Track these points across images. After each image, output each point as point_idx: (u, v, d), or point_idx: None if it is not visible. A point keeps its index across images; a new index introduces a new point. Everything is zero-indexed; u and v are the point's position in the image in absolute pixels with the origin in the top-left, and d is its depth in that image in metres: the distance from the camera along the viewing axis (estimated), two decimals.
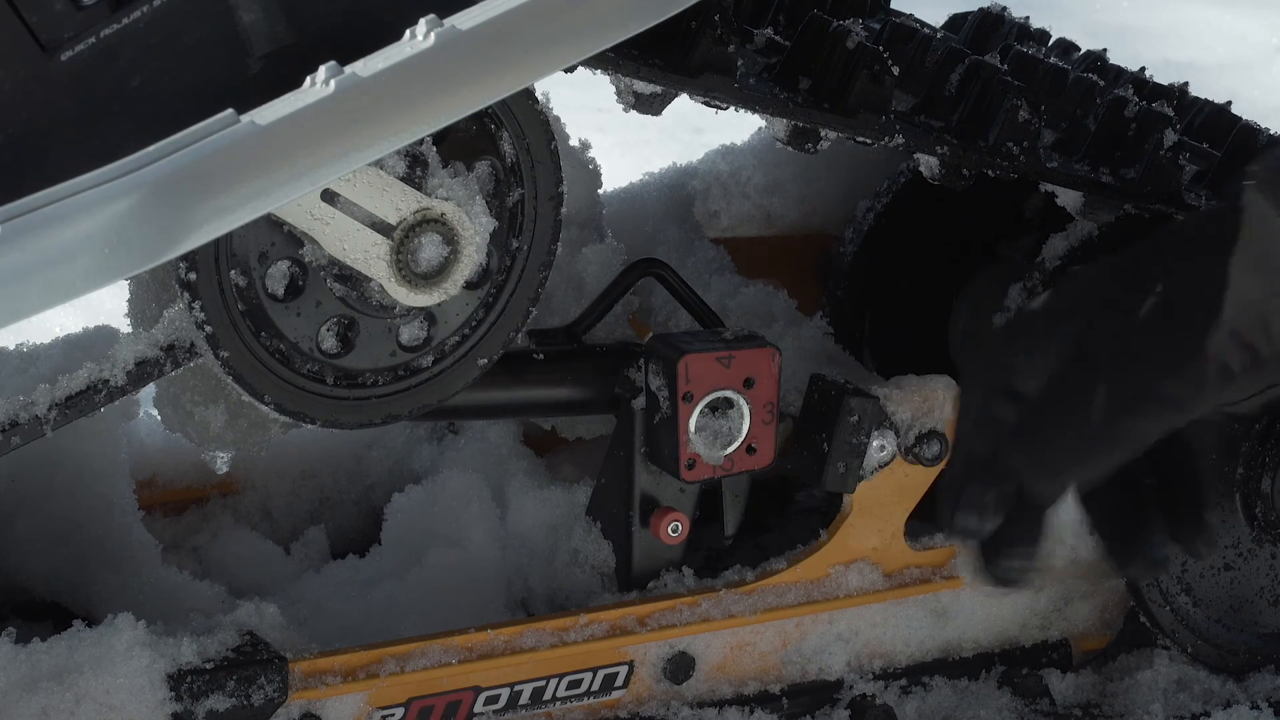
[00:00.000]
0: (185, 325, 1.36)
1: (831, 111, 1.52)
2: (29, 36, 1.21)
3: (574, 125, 1.75)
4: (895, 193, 1.92)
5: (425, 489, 1.84)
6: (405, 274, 1.36)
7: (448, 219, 1.37)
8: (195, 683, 1.44)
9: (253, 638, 1.50)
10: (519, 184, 1.43)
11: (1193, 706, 1.79)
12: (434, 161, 1.37)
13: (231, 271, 1.35)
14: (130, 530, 1.73)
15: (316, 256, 1.36)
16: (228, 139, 1.16)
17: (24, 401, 1.34)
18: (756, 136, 1.99)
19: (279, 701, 1.47)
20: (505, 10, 1.22)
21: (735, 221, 1.95)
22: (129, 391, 1.37)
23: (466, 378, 1.46)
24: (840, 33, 1.52)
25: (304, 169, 1.20)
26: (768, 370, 1.60)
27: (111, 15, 1.22)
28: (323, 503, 1.94)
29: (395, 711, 1.53)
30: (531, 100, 1.42)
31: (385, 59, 1.21)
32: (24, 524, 1.70)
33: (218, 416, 1.47)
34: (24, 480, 1.71)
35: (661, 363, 1.59)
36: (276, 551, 1.86)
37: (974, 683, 1.77)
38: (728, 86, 1.47)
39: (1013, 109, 1.59)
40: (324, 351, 1.40)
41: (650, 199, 1.98)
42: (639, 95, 1.48)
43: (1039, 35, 1.95)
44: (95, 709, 1.42)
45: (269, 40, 1.26)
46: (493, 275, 1.44)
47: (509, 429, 1.86)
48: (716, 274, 1.88)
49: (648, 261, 1.71)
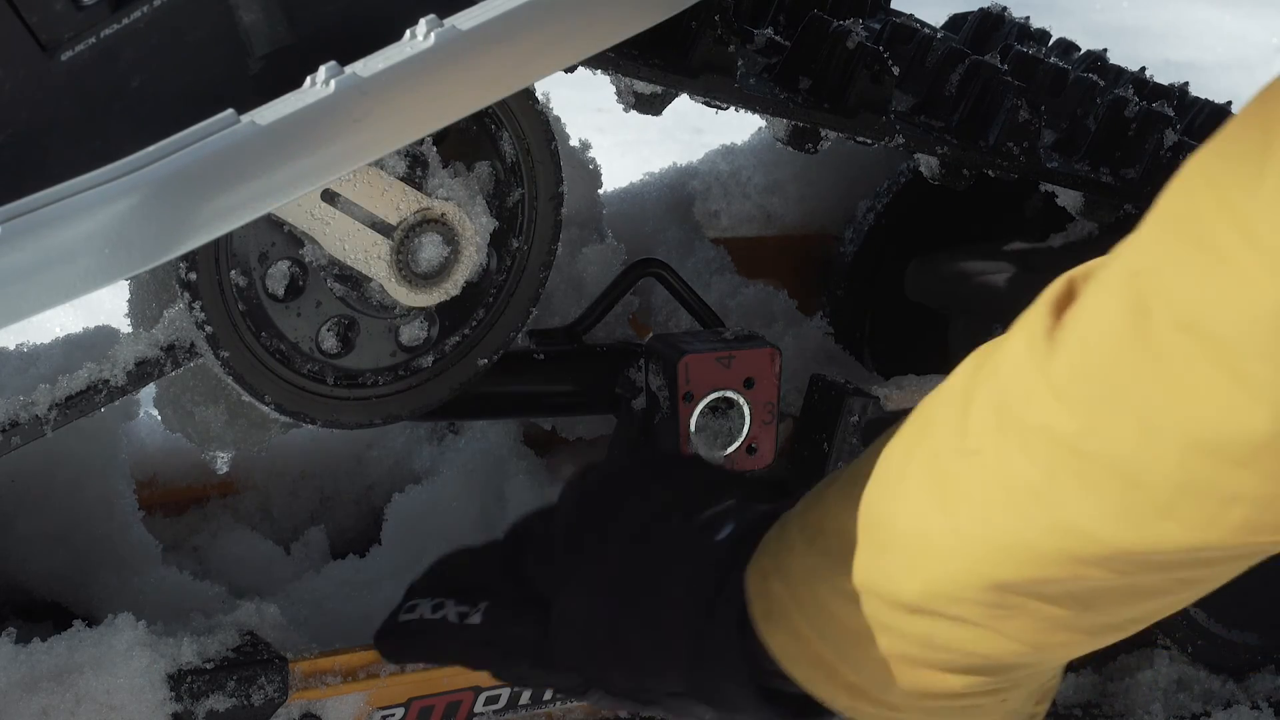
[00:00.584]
0: (185, 325, 1.36)
1: (831, 111, 1.52)
2: (29, 36, 1.21)
3: (574, 125, 1.75)
4: (895, 193, 1.92)
5: (425, 489, 1.84)
6: (405, 274, 1.36)
7: (448, 219, 1.37)
8: (195, 683, 1.44)
9: (253, 638, 1.50)
10: (519, 184, 1.43)
11: (1193, 706, 1.79)
12: (434, 161, 1.37)
13: (232, 271, 1.35)
14: (130, 530, 1.73)
15: (317, 256, 1.36)
16: (228, 139, 1.16)
17: (24, 401, 1.34)
18: (756, 136, 1.99)
19: (279, 701, 1.47)
20: (505, 10, 1.22)
21: (735, 221, 1.95)
22: (129, 391, 1.37)
23: (466, 378, 1.46)
24: (840, 33, 1.52)
25: (304, 169, 1.20)
26: (768, 370, 1.60)
27: (111, 15, 1.22)
28: (323, 503, 1.94)
29: (395, 711, 1.52)
30: (531, 100, 1.41)
31: (385, 59, 1.21)
32: (24, 524, 1.70)
33: (218, 417, 1.47)
34: (24, 480, 1.70)
35: (661, 363, 1.59)
36: (276, 551, 1.86)
37: None
38: (728, 86, 1.46)
39: (1013, 109, 1.59)
40: (324, 351, 1.40)
41: (650, 199, 1.97)
42: (639, 95, 1.48)
43: (1039, 35, 1.95)
44: (95, 709, 1.42)
45: (269, 40, 1.26)
46: (492, 275, 1.44)
47: (509, 429, 1.86)
48: (716, 274, 1.88)
49: (648, 261, 1.71)
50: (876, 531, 1.23)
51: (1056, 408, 1.11)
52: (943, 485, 1.19)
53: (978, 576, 1.17)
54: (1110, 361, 1.09)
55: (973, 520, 1.17)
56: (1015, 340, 1.17)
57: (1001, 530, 1.15)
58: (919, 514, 1.19)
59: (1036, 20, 1.96)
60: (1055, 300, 1.15)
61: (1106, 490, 1.10)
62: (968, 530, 1.17)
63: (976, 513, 1.16)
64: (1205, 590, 1.18)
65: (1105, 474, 1.09)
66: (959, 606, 1.19)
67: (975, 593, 1.17)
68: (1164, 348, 1.05)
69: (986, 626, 1.19)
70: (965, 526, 1.17)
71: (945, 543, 1.18)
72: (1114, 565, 1.12)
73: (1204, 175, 1.08)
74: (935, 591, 1.19)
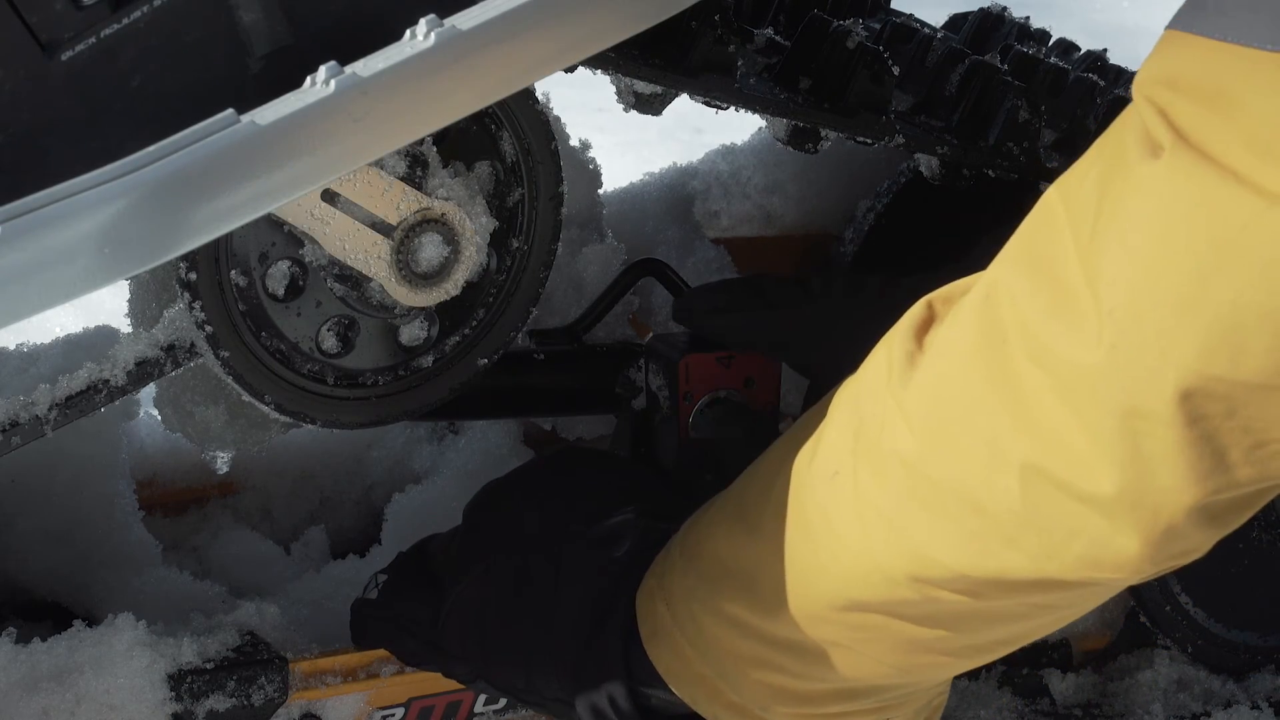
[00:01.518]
0: (185, 325, 1.36)
1: (831, 111, 1.52)
2: (29, 36, 1.21)
3: (574, 125, 1.75)
4: (895, 193, 1.92)
5: (425, 489, 1.84)
6: (405, 274, 1.36)
7: (448, 219, 1.37)
8: (195, 683, 1.44)
9: (253, 638, 1.50)
10: (519, 184, 1.43)
11: (1193, 706, 1.79)
12: (434, 161, 1.37)
13: (232, 271, 1.35)
14: (130, 530, 1.73)
15: (317, 256, 1.36)
16: (228, 139, 1.16)
17: (24, 401, 1.34)
18: (756, 136, 1.99)
19: (279, 701, 1.47)
20: (505, 10, 1.22)
21: (735, 221, 1.95)
22: (129, 391, 1.37)
23: (466, 378, 1.46)
24: (840, 33, 1.52)
25: (304, 169, 1.20)
26: (768, 370, 1.60)
27: (111, 15, 1.22)
28: (323, 503, 1.94)
29: (395, 711, 1.52)
30: (532, 100, 1.41)
31: (385, 59, 1.20)
32: (24, 524, 1.70)
33: (218, 416, 1.47)
34: (24, 480, 1.71)
35: (662, 363, 1.58)
36: (276, 551, 1.86)
37: (974, 683, 1.77)
38: (728, 86, 1.46)
39: (1013, 109, 1.59)
40: (324, 351, 1.40)
41: (650, 199, 1.97)
42: (639, 95, 1.48)
43: (1039, 35, 1.95)
44: (95, 709, 1.42)
45: (269, 40, 1.26)
46: (492, 275, 1.44)
47: (509, 429, 1.86)
48: (716, 274, 1.88)
49: (648, 261, 1.71)
50: (743, 553, 1.24)
51: (906, 432, 1.12)
52: (803, 508, 1.19)
53: (835, 597, 1.17)
54: (962, 387, 1.09)
55: (830, 542, 1.17)
56: (876, 362, 1.17)
57: (855, 553, 1.16)
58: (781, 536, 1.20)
59: (1036, 20, 1.96)
60: (916, 324, 1.15)
61: (953, 517, 1.10)
62: (825, 553, 1.18)
63: (834, 535, 1.17)
64: (1069, 616, 1.18)
65: (952, 500, 1.10)
66: (821, 627, 1.19)
67: (833, 613, 1.18)
68: (1016, 377, 1.06)
69: (850, 648, 1.19)
70: (822, 550, 1.18)
71: (804, 564, 1.19)
72: (961, 588, 1.12)
73: (1064, 200, 1.07)
74: (798, 611, 1.20)
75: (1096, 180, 1.04)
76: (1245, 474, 1.02)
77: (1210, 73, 0.98)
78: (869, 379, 1.17)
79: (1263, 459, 1.02)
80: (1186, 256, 0.98)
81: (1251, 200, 0.96)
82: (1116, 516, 1.04)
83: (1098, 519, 1.05)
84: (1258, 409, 0.99)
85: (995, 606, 1.14)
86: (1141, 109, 1.02)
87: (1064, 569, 1.08)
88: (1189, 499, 1.03)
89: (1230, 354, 0.98)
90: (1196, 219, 0.98)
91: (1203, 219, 0.98)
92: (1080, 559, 1.07)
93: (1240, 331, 0.98)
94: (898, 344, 1.15)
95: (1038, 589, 1.11)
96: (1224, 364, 0.98)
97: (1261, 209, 0.95)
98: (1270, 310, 0.97)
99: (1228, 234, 0.97)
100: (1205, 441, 1.01)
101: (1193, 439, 1.01)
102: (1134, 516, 1.04)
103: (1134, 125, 1.02)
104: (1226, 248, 0.97)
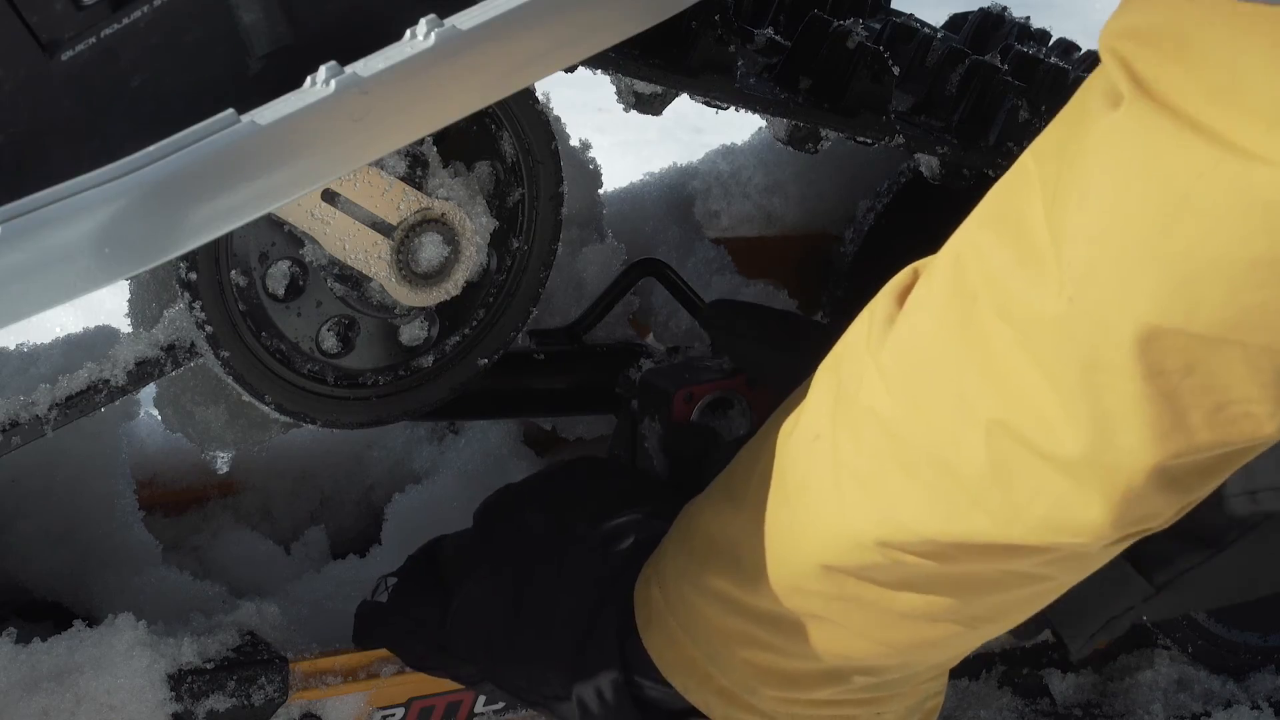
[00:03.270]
0: (185, 325, 1.36)
1: (831, 111, 1.52)
2: (29, 36, 1.21)
3: (574, 125, 1.75)
4: (895, 193, 1.92)
5: (425, 489, 1.84)
6: (406, 274, 1.36)
7: (448, 219, 1.37)
8: (195, 683, 1.44)
9: (253, 638, 1.50)
10: (519, 184, 1.43)
11: (1193, 706, 1.79)
12: (434, 161, 1.37)
13: (232, 271, 1.35)
14: (130, 530, 1.73)
15: (317, 256, 1.36)
16: (228, 139, 1.16)
17: (24, 401, 1.34)
18: (756, 136, 1.99)
19: (279, 701, 1.47)
20: (505, 10, 1.22)
21: (735, 221, 1.95)
22: (129, 391, 1.37)
23: (466, 378, 1.46)
24: (840, 33, 1.52)
25: (304, 169, 1.20)
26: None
27: (111, 15, 1.22)
28: (323, 503, 1.94)
29: (395, 711, 1.52)
30: (532, 100, 1.41)
31: (385, 59, 1.20)
32: (24, 524, 1.70)
33: (218, 416, 1.47)
34: (24, 480, 1.71)
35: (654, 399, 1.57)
36: (276, 551, 1.86)
37: (974, 683, 1.77)
38: (728, 86, 1.46)
39: (1013, 109, 1.59)
40: (324, 351, 1.40)
41: (650, 199, 1.97)
42: (639, 95, 1.48)
43: (1039, 35, 1.95)
44: (95, 709, 1.42)
45: (269, 40, 1.26)
46: (493, 275, 1.44)
47: (509, 429, 1.86)
48: (716, 274, 1.88)
49: (648, 261, 1.71)
50: (729, 527, 1.24)
51: (883, 390, 1.12)
52: (784, 477, 1.20)
53: (808, 563, 1.17)
54: (933, 344, 1.09)
55: (806, 508, 1.18)
56: (858, 327, 1.17)
57: (828, 518, 1.16)
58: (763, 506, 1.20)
59: (1036, 20, 1.96)
60: (899, 288, 1.15)
61: (923, 478, 1.10)
62: (801, 519, 1.18)
63: (810, 501, 1.17)
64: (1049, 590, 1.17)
65: (923, 460, 1.10)
66: (799, 598, 1.19)
67: (808, 581, 1.18)
68: (984, 334, 1.06)
69: (830, 620, 1.19)
70: (799, 516, 1.18)
71: (782, 532, 1.19)
72: (927, 552, 1.12)
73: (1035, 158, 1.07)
74: (777, 582, 1.20)
75: (1061, 135, 1.04)
76: (1205, 437, 1.02)
77: (1171, 21, 0.97)
78: (851, 342, 1.17)
79: (1222, 423, 1.01)
80: (1144, 206, 0.98)
81: (1208, 149, 0.95)
82: (1079, 476, 1.04)
83: (1060, 479, 1.05)
84: (1216, 365, 0.99)
85: (964, 572, 1.13)
86: (1106, 61, 1.01)
87: (1027, 532, 1.08)
88: (1149, 458, 1.02)
89: (1186, 305, 0.97)
90: (1153, 169, 0.97)
91: (1160, 169, 0.97)
92: (1043, 521, 1.07)
93: (1195, 282, 0.97)
94: (880, 307, 1.15)
95: (1004, 554, 1.11)
96: (1180, 315, 0.98)
97: (1218, 158, 0.94)
98: (1225, 261, 0.96)
99: (1184, 184, 0.96)
100: (1165, 399, 1.00)
101: (1151, 394, 1.00)
102: (1096, 477, 1.04)
103: (1099, 79, 1.02)
104: (1182, 198, 0.96)
